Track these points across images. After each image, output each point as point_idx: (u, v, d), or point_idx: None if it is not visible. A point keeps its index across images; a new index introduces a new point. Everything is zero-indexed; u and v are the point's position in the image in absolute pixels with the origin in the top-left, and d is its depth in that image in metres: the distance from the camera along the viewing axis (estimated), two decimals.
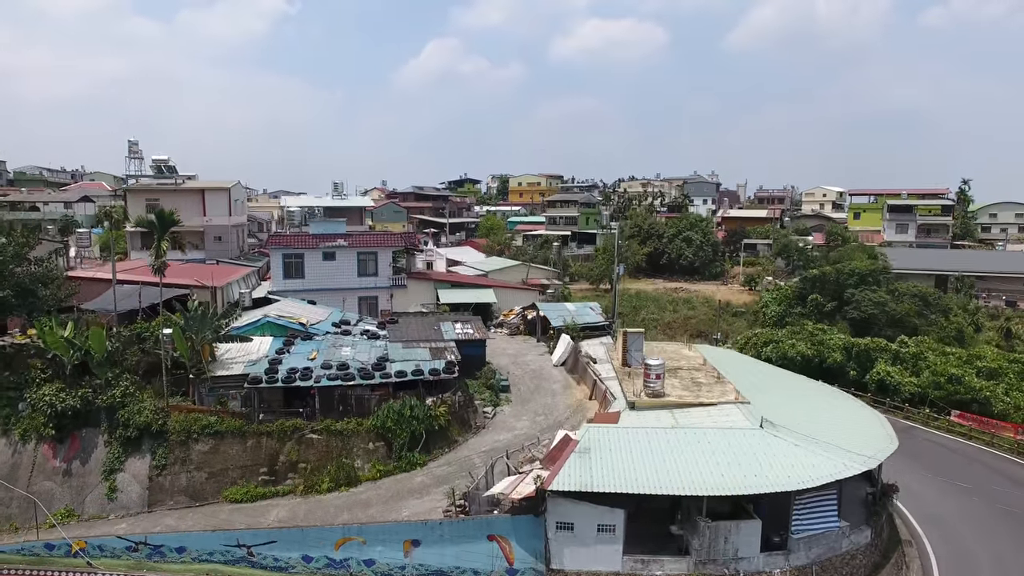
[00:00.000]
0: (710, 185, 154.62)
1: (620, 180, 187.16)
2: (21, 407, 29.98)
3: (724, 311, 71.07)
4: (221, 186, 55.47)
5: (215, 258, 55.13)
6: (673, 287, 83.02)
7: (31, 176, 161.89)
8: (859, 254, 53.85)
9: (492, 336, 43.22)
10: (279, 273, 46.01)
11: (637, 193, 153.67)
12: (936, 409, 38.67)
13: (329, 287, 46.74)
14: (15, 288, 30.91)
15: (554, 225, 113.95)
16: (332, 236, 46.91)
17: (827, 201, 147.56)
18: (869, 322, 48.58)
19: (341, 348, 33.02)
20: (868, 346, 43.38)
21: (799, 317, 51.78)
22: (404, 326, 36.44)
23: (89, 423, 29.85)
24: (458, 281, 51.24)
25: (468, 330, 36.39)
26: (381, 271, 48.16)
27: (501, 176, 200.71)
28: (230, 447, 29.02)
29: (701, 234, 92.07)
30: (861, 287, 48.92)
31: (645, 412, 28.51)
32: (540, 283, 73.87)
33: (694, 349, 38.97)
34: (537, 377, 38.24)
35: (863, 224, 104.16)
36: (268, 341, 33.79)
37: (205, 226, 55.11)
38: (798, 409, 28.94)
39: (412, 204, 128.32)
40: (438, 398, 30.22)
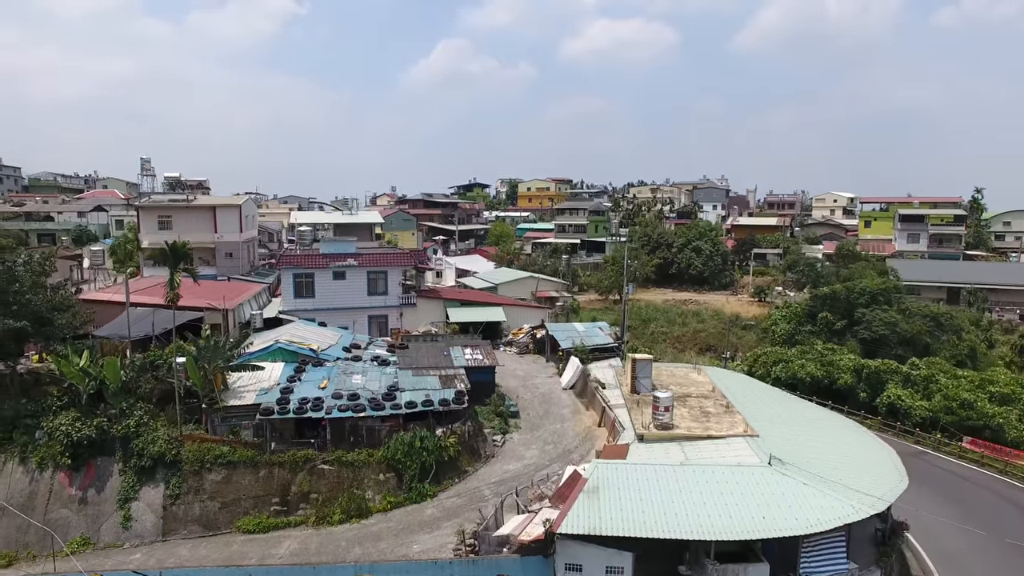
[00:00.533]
0: (719, 191, 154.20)
1: (630, 185, 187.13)
2: (38, 435, 30.47)
3: (734, 324, 70.95)
4: (232, 203, 55.97)
5: (226, 274, 55.63)
6: (682, 299, 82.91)
7: (45, 182, 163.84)
8: (870, 272, 53.56)
9: (501, 363, 43.32)
10: (290, 292, 46.36)
11: (646, 199, 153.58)
12: (948, 434, 38.45)
13: (339, 306, 47.04)
14: (32, 316, 31.35)
15: (563, 233, 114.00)
16: (342, 255, 47.22)
17: (838, 207, 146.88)
18: (880, 341, 48.38)
19: (352, 375, 33.29)
20: (879, 368, 43.22)
21: (809, 335, 51.64)
22: (414, 351, 36.66)
23: (104, 452, 30.30)
24: (468, 299, 51.46)
25: (478, 355, 36.57)
26: (391, 290, 48.42)
27: (510, 180, 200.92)
28: (243, 477, 29.37)
29: (711, 244, 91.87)
30: (872, 306, 48.70)
31: (654, 445, 28.63)
32: (549, 296, 74.13)
33: (703, 373, 38.97)
34: (546, 402, 38.38)
35: (874, 232, 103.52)
36: (280, 367, 34.12)
37: (216, 243, 55.61)
38: (807, 442, 28.94)
39: (421, 211, 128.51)
40: (448, 428, 30.42)
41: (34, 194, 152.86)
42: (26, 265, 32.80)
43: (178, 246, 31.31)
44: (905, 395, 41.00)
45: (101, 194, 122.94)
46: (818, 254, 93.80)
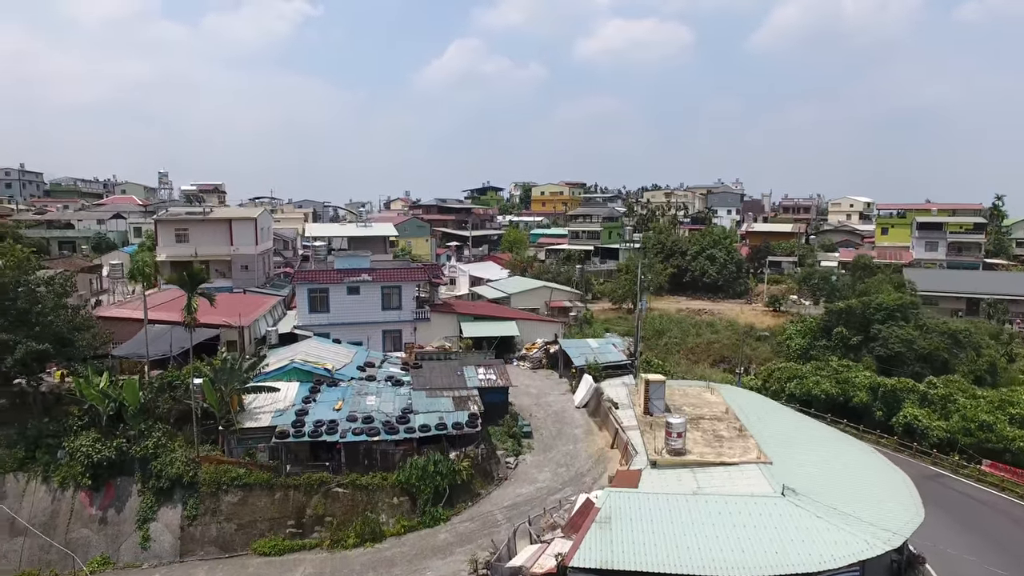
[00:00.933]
0: (734, 195, 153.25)
1: (644, 189, 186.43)
2: (60, 455, 31.11)
3: (748, 335, 70.50)
4: (247, 216, 56.59)
5: (242, 286, 56.29)
6: (696, 308, 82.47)
7: (66, 187, 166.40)
8: (886, 286, 52.95)
9: (514, 379, 43.46)
10: (305, 307, 46.77)
11: (660, 204, 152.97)
12: (966, 457, 37.98)
13: (353, 321, 47.42)
14: (53, 337, 31.93)
15: (577, 240, 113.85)
16: (356, 271, 47.58)
17: (854, 211, 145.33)
18: (896, 358, 47.89)
19: (366, 397, 33.58)
20: (895, 387, 42.76)
21: (824, 350, 51.23)
22: (428, 371, 36.90)
23: (124, 472, 30.87)
24: (481, 313, 51.63)
25: (491, 376, 36.72)
26: (405, 304, 48.71)
27: (524, 184, 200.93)
28: (259, 499, 29.75)
29: (725, 252, 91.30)
30: (888, 322, 48.20)
31: (666, 471, 28.59)
32: (562, 305, 74.12)
33: (716, 393, 38.82)
34: (559, 421, 38.45)
35: (891, 239, 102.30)
36: (295, 387, 34.50)
37: (232, 255, 56.23)
38: (820, 468, 28.74)
39: (435, 217, 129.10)
40: (462, 452, 30.62)
41: (55, 199, 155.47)
42: (47, 285, 33.38)
43: (195, 270, 31.65)
44: (922, 415, 40.55)
45: (120, 200, 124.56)
46: (834, 262, 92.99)
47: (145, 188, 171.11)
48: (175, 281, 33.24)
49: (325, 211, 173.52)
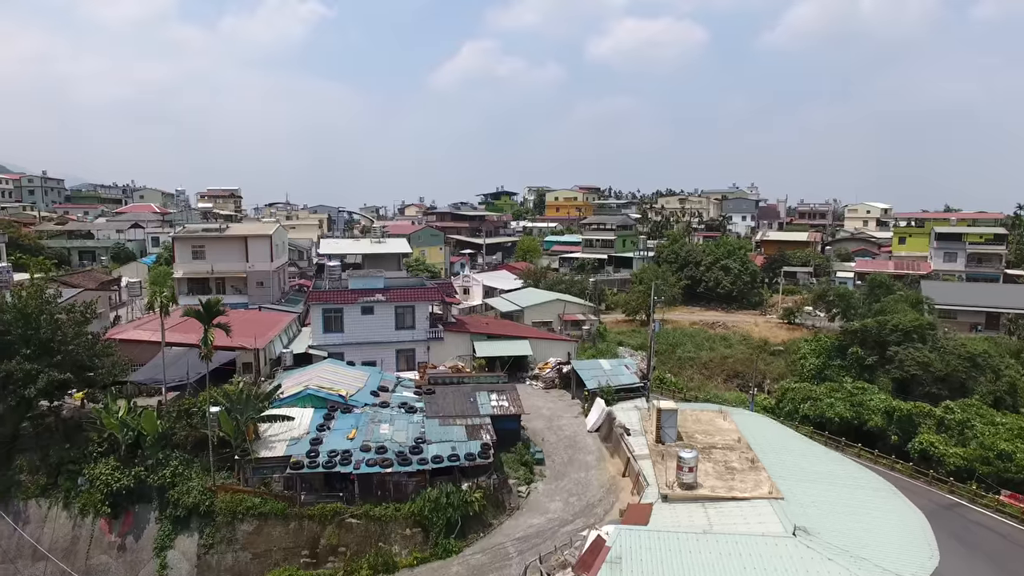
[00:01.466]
0: (749, 202, 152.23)
1: (658, 193, 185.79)
2: (80, 482, 31.78)
3: (762, 350, 70.07)
4: (262, 233, 57.18)
5: (258, 303, 56.91)
6: (710, 320, 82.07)
7: (86, 193, 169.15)
8: (903, 306, 52.32)
9: (527, 400, 43.62)
10: (319, 327, 47.22)
11: (675, 210, 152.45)
12: (984, 486, 37.48)
13: (367, 340, 47.80)
14: (74, 365, 32.56)
15: (591, 248, 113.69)
16: (371, 291, 47.95)
17: (871, 218, 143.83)
18: (913, 379, 47.40)
19: (380, 425, 33.88)
20: (911, 411, 42.31)
21: (839, 370, 50.84)
22: (440, 397, 37.13)
23: (142, 499, 31.48)
24: (494, 332, 51.75)
25: (503, 402, 36.87)
26: (418, 324, 49.01)
27: (538, 189, 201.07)
28: (273, 528, 30.16)
29: (739, 262, 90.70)
30: (904, 344, 47.71)
31: (677, 505, 28.63)
32: (576, 319, 74.09)
33: (729, 419, 38.73)
34: (571, 447, 38.50)
35: (909, 249, 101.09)
36: (309, 414, 34.88)
37: (248, 272, 56.85)
38: (833, 505, 28.62)
39: (449, 224, 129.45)
40: (474, 483, 30.82)
41: (76, 204, 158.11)
42: (68, 313, 34.02)
43: (211, 303, 32.11)
44: (938, 441, 40.09)
45: (138, 208, 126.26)
46: (850, 273, 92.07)
47: (163, 194, 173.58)
48: (191, 314, 33.67)
49: (339, 216, 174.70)
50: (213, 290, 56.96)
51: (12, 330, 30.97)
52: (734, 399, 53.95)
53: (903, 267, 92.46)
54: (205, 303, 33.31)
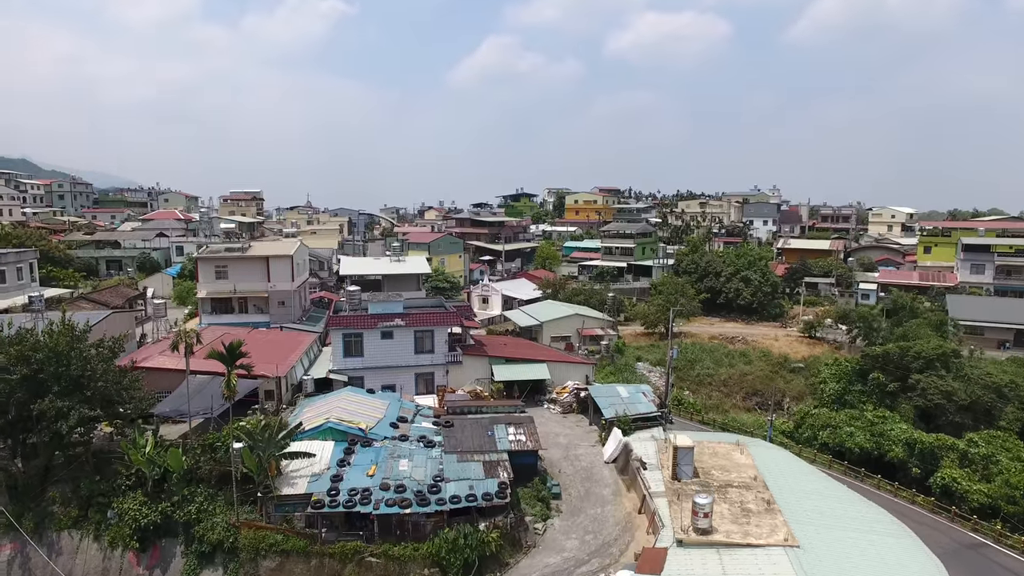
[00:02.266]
0: (770, 206, 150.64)
1: (679, 196, 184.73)
2: (110, 515, 32.75)
3: (781, 367, 69.66)
4: (284, 253, 58.03)
5: (279, 322, 57.84)
6: (730, 334, 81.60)
7: (113, 197, 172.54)
8: (926, 330, 51.61)
9: (544, 429, 43.96)
10: (339, 351, 47.90)
11: (695, 214, 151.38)
12: (1010, 526, 36.97)
13: (387, 365, 48.41)
14: (103, 401, 33.50)
15: (610, 255, 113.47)
16: (390, 316, 48.49)
17: (896, 223, 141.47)
18: (936, 407, 46.84)
19: (399, 460, 34.42)
20: (933, 445, 41.87)
21: (859, 395, 50.36)
22: (459, 431, 37.57)
23: (169, 533, 32.38)
24: (512, 356, 52.04)
25: (521, 436, 37.19)
26: (437, 348, 49.48)
27: (558, 191, 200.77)
28: (295, 565, 30.83)
29: (760, 274, 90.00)
30: (927, 372, 47.14)
31: (692, 551, 28.72)
32: (594, 333, 74.19)
33: (746, 452, 38.64)
34: (588, 479, 38.73)
35: (934, 259, 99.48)
36: (330, 447, 35.51)
37: (270, 291, 57.77)
38: (850, 555, 28.49)
39: (468, 230, 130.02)
40: (491, 522, 31.21)
41: (103, 208, 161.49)
42: (98, 348, 34.95)
43: (234, 346, 32.80)
44: (961, 477, 39.61)
45: (162, 216, 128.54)
46: (872, 284, 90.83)
47: (186, 197, 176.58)
48: (215, 356, 34.44)
49: (360, 219, 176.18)
50: (236, 309, 58.18)
51: (45, 368, 31.92)
52: (752, 423, 53.84)
53: (928, 278, 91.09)
54: (228, 346, 34.03)
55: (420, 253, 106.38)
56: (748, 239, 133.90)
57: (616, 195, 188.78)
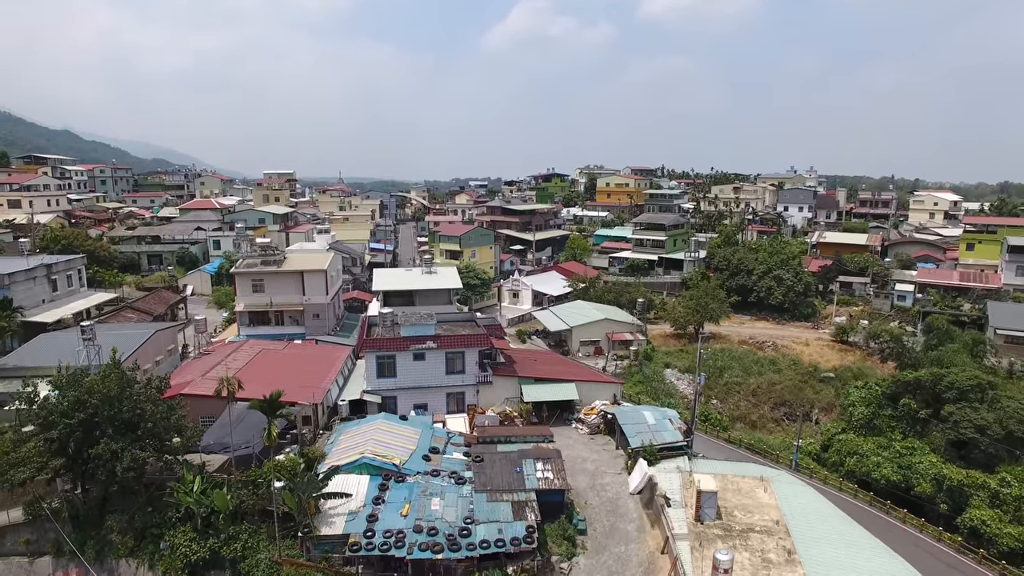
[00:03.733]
0: (806, 192, 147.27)
1: (712, 179, 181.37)
2: (163, 546, 34.95)
3: (811, 376, 69.27)
4: (318, 268, 59.44)
5: (314, 334, 59.62)
6: (760, 337, 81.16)
7: (152, 181, 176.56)
8: (961, 357, 50.76)
9: (570, 453, 45.01)
10: (373, 372, 49.32)
11: (728, 200, 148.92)
12: None
13: (419, 385, 49.79)
14: (153, 439, 35.45)
15: (641, 248, 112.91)
16: (422, 338, 49.65)
17: (938, 211, 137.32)
18: (969, 439, 46.41)
19: (431, 499, 35.85)
20: (962, 482, 41.77)
21: (889, 420, 50.05)
22: (488, 466, 38.80)
23: (217, 566, 34.42)
24: (541, 376, 52.90)
25: (549, 474, 38.27)
26: (468, 368, 50.62)
27: (590, 172, 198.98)
28: None
29: (792, 273, 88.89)
30: (960, 402, 46.69)
31: None
32: (623, 338, 74.72)
33: (770, 491, 39.15)
34: (613, 512, 39.76)
35: (977, 256, 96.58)
36: (365, 482, 37.10)
37: (305, 304, 59.45)
38: None
39: (499, 218, 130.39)
40: (519, 566, 32.56)
41: (143, 192, 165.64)
42: (146, 387, 36.78)
43: (274, 398, 34.23)
44: (991, 518, 39.48)
45: (199, 204, 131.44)
46: (909, 285, 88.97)
47: (222, 180, 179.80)
48: (256, 407, 36.02)
49: (391, 201, 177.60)
50: (272, 321, 60.08)
51: (99, 412, 33.86)
52: (779, 444, 54.12)
53: (969, 279, 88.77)
54: (269, 398, 35.56)
55: (452, 245, 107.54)
56: (782, 227, 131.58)
57: (648, 176, 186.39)
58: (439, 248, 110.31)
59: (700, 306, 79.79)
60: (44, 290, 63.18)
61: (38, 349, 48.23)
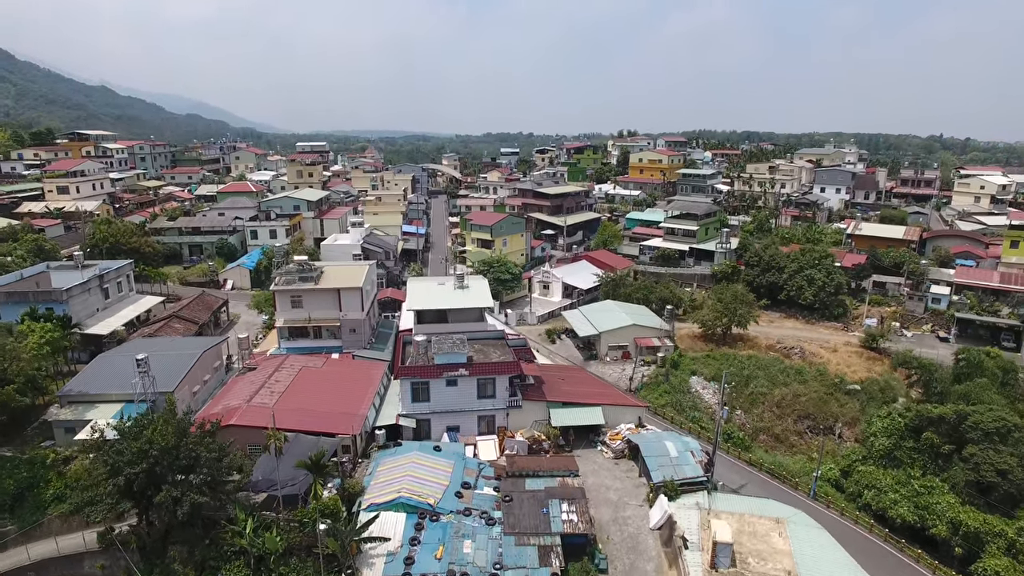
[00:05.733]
0: (844, 173, 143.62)
1: (750, 155, 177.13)
2: None
3: (836, 388, 69.82)
4: (354, 286, 61.62)
5: (351, 348, 62.24)
6: (788, 342, 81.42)
7: (188, 157, 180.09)
8: (990, 394, 50.74)
9: (593, 480, 47.17)
10: (408, 397, 51.87)
11: (764, 179, 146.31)
12: None
13: (451, 409, 52.29)
14: (208, 482, 38.52)
15: (672, 236, 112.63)
16: (454, 366, 51.80)
17: (984, 194, 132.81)
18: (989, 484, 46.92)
19: (463, 540, 38.54)
20: (978, 529, 42.84)
21: (910, 453, 50.92)
22: (517, 507, 41.24)
23: None
24: (568, 400, 54.81)
25: (573, 517, 40.54)
26: (498, 393, 52.82)
27: (624, 146, 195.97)
28: None
29: (824, 273, 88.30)
30: (984, 444, 47.29)
31: None
32: (651, 344, 75.96)
33: (784, 536, 40.79)
34: (633, 550, 41.99)
35: (1021, 255, 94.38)
36: (402, 521, 39.89)
37: (342, 320, 61.93)
38: None
39: (530, 201, 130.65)
40: None
41: (180, 168, 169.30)
42: (200, 437, 39.63)
43: (318, 457, 36.75)
44: (1005, 568, 40.45)
45: (234, 187, 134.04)
46: (946, 288, 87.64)
47: (256, 154, 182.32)
48: (302, 466, 38.67)
49: (423, 175, 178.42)
50: (311, 335, 62.80)
51: (160, 461, 36.93)
52: (798, 469, 55.40)
53: (1011, 280, 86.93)
54: (313, 458, 38.17)
55: (483, 234, 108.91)
56: (818, 212, 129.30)
57: (683, 149, 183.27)
58: (471, 236, 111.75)
59: (729, 310, 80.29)
60: (97, 299, 66.83)
61: (97, 373, 51.65)
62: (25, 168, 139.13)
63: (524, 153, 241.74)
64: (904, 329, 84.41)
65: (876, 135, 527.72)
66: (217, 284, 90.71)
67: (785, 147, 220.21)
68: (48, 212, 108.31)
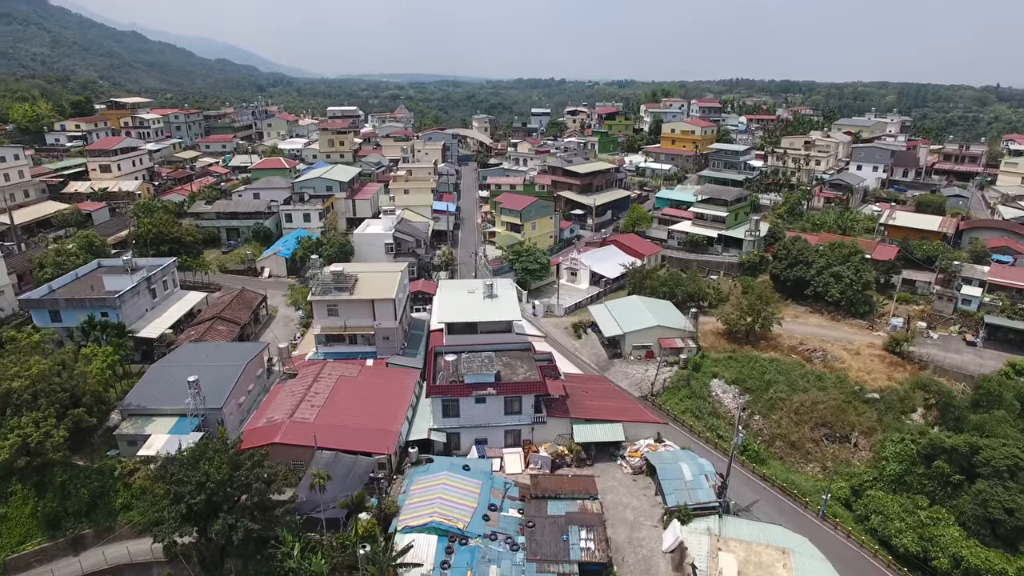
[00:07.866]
0: (883, 151, 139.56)
1: (784, 123, 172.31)
2: None
3: (855, 396, 71.10)
4: (387, 297, 64.32)
5: (384, 355, 65.45)
6: (811, 343, 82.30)
7: (222, 124, 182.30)
8: (1005, 428, 51.61)
9: (611, 497, 50.20)
10: (439, 412, 55.13)
11: (799, 156, 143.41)
12: None
13: (479, 424, 55.50)
14: (258, 510, 42.40)
15: (701, 222, 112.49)
16: (483, 385, 54.64)
17: None
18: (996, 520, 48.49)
19: (489, 566, 42.10)
20: (979, 567, 44.86)
21: (921, 479, 52.72)
22: (539, 532, 44.55)
23: None
24: (591, 417, 57.48)
25: (591, 545, 43.74)
26: (525, 410, 55.74)
27: (656, 114, 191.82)
28: None
29: (853, 270, 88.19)
30: (994, 480, 48.81)
31: None
32: (674, 345, 77.83)
33: (789, 567, 43.46)
34: (645, 573, 45.21)
35: None
36: (434, 543, 43.54)
37: (376, 328, 64.95)
38: None
39: (560, 179, 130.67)
40: None
41: (214, 137, 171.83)
42: (250, 467, 43.24)
43: (357, 497, 40.08)
44: None
45: (268, 164, 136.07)
46: (977, 289, 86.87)
47: (287, 120, 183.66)
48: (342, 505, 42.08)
49: (453, 144, 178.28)
50: (346, 341, 66.07)
51: (217, 491, 40.79)
52: (811, 486, 57.63)
53: None
54: (352, 499, 41.56)
55: (512, 218, 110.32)
56: (852, 194, 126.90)
57: (716, 116, 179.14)
58: (500, 219, 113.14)
59: (753, 310, 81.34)
60: (146, 300, 70.77)
61: (152, 386, 55.64)
62: (68, 140, 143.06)
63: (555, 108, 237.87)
64: (930, 330, 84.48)
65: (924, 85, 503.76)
66: (255, 272, 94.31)
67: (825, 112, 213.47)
68: (93, 193, 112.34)
